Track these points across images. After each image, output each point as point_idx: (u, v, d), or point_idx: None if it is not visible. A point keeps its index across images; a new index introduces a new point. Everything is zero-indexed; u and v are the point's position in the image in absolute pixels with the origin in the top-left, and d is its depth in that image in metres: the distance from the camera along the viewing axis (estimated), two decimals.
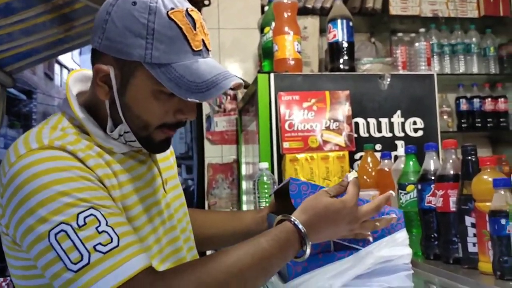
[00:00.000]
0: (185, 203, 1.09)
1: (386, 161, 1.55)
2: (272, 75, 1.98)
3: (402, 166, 1.40)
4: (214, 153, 2.88)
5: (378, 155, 1.69)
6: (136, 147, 0.93)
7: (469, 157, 1.10)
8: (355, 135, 1.97)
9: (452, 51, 3.09)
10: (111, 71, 0.85)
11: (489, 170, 1.04)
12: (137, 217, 0.89)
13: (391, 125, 2.03)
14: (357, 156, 1.95)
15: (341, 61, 2.09)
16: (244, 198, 2.73)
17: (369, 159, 1.66)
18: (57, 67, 14.01)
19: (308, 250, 0.89)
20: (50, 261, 0.75)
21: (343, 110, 1.95)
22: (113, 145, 0.89)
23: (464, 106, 3.12)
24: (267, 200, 1.64)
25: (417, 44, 2.77)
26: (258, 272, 0.83)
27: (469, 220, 1.07)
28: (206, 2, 2.82)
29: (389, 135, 2.02)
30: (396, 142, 2.01)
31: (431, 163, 1.25)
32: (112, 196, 0.83)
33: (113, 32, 0.83)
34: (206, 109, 2.90)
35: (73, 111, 0.89)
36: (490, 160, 1.05)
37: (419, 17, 3.03)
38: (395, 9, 2.97)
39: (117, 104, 0.87)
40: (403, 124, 2.03)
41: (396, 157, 1.57)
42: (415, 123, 2.04)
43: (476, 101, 3.13)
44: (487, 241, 1.01)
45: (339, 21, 2.08)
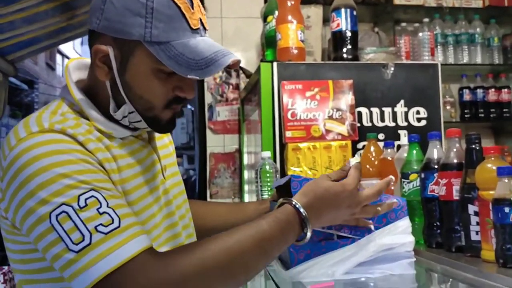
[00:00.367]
0: (185, 191, 1.09)
1: (389, 150, 1.54)
2: (275, 64, 1.97)
3: (405, 155, 1.39)
4: (216, 143, 2.88)
5: (381, 144, 1.68)
6: (141, 128, 0.93)
7: (473, 146, 1.10)
8: (358, 125, 1.97)
9: (456, 41, 3.07)
10: (111, 51, 0.86)
11: (493, 158, 1.04)
12: (136, 201, 0.89)
13: (394, 115, 2.02)
14: (360, 145, 1.94)
15: (345, 50, 2.08)
16: (246, 187, 2.74)
17: (372, 148, 1.65)
18: (58, 57, 13.98)
19: (309, 233, 0.89)
20: (51, 242, 0.75)
21: (346, 99, 1.94)
22: (113, 129, 0.90)
23: (467, 96, 3.11)
24: (269, 189, 1.64)
25: (420, 34, 2.76)
26: (259, 253, 0.83)
27: (472, 208, 1.07)
28: None
29: (392, 124, 2.01)
30: (399, 131, 2.01)
31: (435, 152, 1.24)
32: (112, 179, 0.84)
33: (112, 12, 0.84)
34: (208, 98, 2.89)
35: (72, 97, 0.89)
36: (494, 149, 1.05)
37: (423, 7, 3.01)
38: None
39: (118, 84, 0.87)
40: (406, 113, 2.02)
41: (399, 147, 1.56)
42: (418, 112, 2.03)
43: (479, 91, 3.12)
44: (490, 229, 1.01)
45: (343, 10, 2.07)
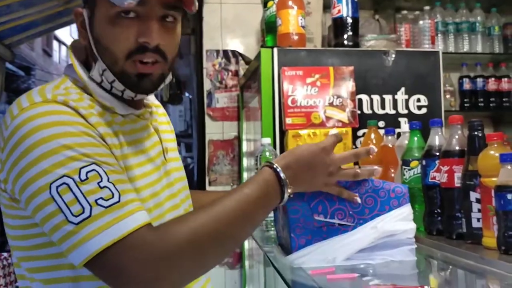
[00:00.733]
0: (185, 177, 1.09)
1: (389, 138, 1.54)
2: (275, 50, 1.96)
3: (405, 142, 1.39)
4: (215, 130, 2.86)
5: (381, 132, 1.67)
6: (121, 93, 0.90)
7: (476, 133, 1.09)
8: (359, 112, 1.96)
9: (456, 29, 3.05)
10: (84, 11, 0.89)
11: (496, 145, 1.03)
12: (138, 178, 0.88)
13: (395, 102, 2.01)
14: (360, 132, 1.94)
15: (345, 36, 2.06)
16: (245, 175, 2.73)
17: (373, 136, 1.64)
18: (55, 44, 13.89)
19: (287, 190, 0.90)
20: (50, 213, 0.74)
21: (347, 86, 1.93)
22: (115, 105, 0.89)
23: (467, 85, 3.10)
24: None
25: (421, 22, 2.73)
26: (244, 217, 0.85)
27: (474, 195, 1.07)
28: None
29: (393, 112, 2.00)
30: (399, 119, 2.00)
31: (436, 139, 1.24)
32: (114, 154, 0.83)
33: None
34: (207, 85, 2.87)
35: (77, 73, 0.89)
36: (497, 135, 1.04)
37: None
38: None
39: (91, 41, 0.88)
40: (407, 101, 2.02)
41: (399, 134, 1.56)
42: (419, 100, 2.02)
43: (479, 80, 3.10)
44: (491, 216, 1.00)
45: None
